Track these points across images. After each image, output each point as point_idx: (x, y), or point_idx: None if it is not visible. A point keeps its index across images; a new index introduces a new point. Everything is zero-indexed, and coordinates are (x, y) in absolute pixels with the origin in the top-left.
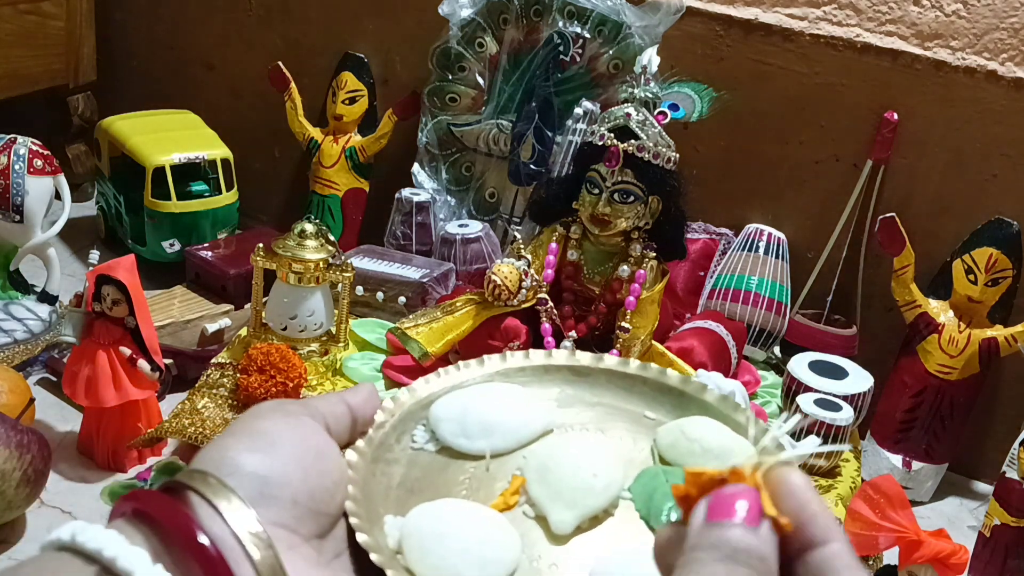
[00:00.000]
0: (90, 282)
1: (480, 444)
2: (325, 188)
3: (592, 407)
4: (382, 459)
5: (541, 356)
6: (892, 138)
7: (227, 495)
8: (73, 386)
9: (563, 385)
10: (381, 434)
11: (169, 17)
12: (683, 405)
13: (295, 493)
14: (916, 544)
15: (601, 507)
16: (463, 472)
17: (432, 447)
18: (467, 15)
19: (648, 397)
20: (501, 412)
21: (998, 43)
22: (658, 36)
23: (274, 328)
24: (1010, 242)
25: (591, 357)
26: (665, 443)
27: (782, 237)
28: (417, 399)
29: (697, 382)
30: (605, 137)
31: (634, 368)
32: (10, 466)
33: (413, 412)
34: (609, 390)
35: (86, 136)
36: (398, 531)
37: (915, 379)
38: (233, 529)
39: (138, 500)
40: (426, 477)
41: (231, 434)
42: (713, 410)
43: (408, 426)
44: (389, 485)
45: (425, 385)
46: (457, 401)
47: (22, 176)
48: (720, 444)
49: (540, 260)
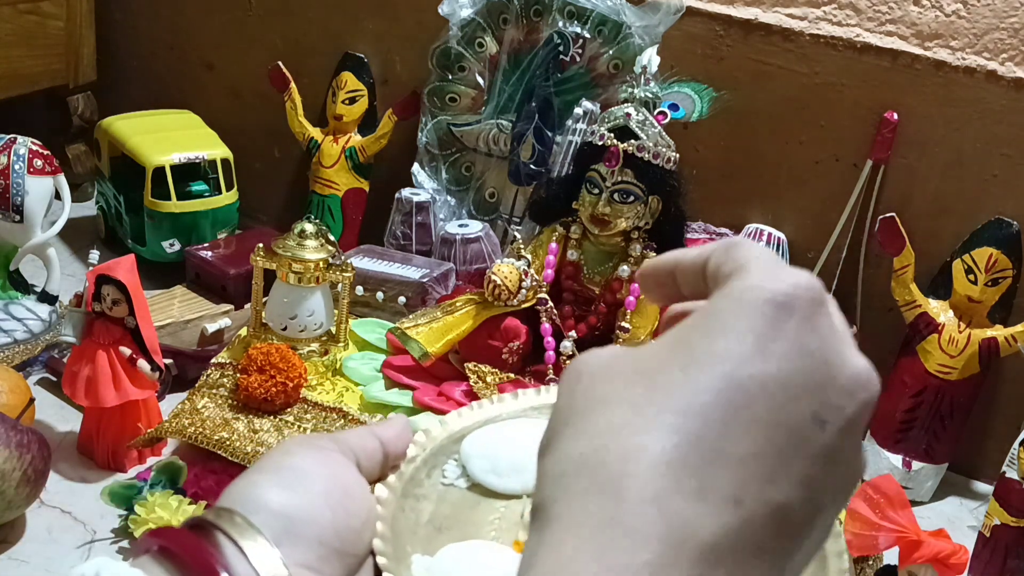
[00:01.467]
0: (90, 282)
1: (510, 483)
2: (325, 188)
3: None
4: (411, 494)
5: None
6: (892, 138)
7: (253, 535)
8: (73, 386)
9: None
10: (412, 468)
11: (169, 17)
12: None
13: (321, 533)
14: (916, 544)
15: None
16: (493, 512)
17: (463, 483)
18: (467, 15)
19: None
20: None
21: (998, 43)
22: (658, 36)
23: (274, 328)
24: (1010, 242)
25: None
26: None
27: (782, 237)
28: (449, 433)
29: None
30: (605, 137)
31: None
32: (10, 466)
33: (445, 446)
34: None
35: (86, 136)
36: (426, 571)
37: (915, 379)
38: (257, 570)
39: (164, 537)
40: (456, 515)
41: (260, 470)
42: None
43: (439, 460)
44: (418, 522)
45: (458, 419)
46: (489, 436)
47: (22, 176)
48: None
49: (540, 260)
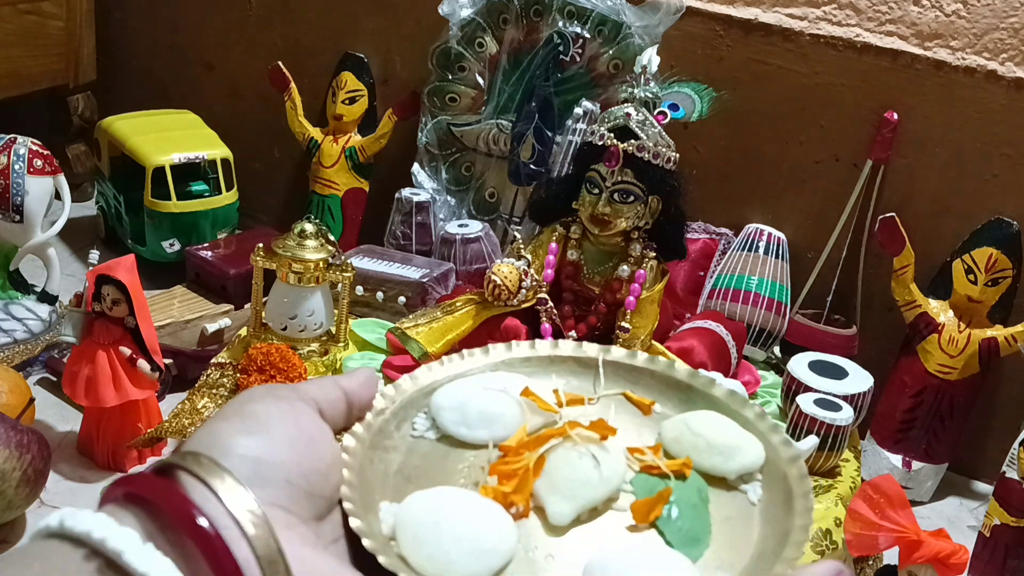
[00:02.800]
0: (90, 282)
1: (481, 434)
2: (325, 188)
3: (596, 399)
4: (380, 446)
5: (547, 347)
6: (892, 138)
7: (221, 475)
8: (73, 386)
9: (568, 376)
10: (380, 420)
11: (169, 17)
12: (690, 399)
13: (289, 474)
14: (916, 544)
15: (600, 499)
16: (462, 461)
17: (432, 435)
18: (467, 15)
19: (655, 390)
20: (503, 402)
21: (998, 43)
22: (658, 36)
23: (274, 328)
24: (1010, 242)
25: (597, 348)
26: (669, 437)
27: (782, 237)
28: (419, 387)
29: (705, 376)
30: (605, 137)
31: (641, 361)
32: (10, 466)
33: (415, 400)
34: (615, 382)
35: (86, 136)
36: (393, 518)
37: (915, 379)
38: (229, 509)
39: (130, 484)
40: (424, 465)
41: (222, 417)
42: (721, 405)
43: (409, 413)
44: (387, 472)
45: (428, 373)
46: (459, 390)
47: (22, 176)
48: (725, 440)
49: (540, 260)
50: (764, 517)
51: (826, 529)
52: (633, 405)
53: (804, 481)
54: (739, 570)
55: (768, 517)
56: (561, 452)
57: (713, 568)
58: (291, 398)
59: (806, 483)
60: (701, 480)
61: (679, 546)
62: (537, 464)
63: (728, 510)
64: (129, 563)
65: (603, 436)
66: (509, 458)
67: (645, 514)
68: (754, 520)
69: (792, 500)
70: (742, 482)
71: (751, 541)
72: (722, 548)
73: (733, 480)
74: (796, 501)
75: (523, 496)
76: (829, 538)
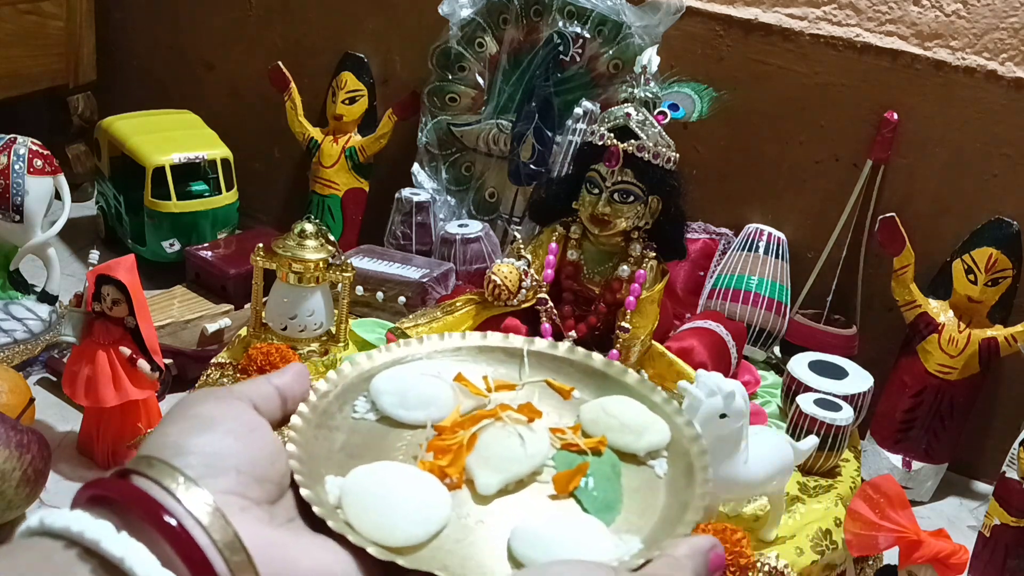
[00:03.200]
0: (90, 282)
1: (418, 415)
2: (325, 188)
3: (521, 385)
4: (325, 425)
5: (477, 338)
6: (892, 138)
7: (174, 475)
8: (73, 386)
9: (496, 365)
10: (325, 403)
11: (169, 17)
12: (606, 386)
13: (238, 463)
14: (916, 544)
15: (526, 473)
16: (400, 439)
17: (372, 416)
18: (467, 15)
19: (575, 378)
20: (438, 387)
21: (998, 43)
22: (658, 36)
23: (274, 328)
24: (1010, 242)
25: (522, 340)
26: (588, 418)
27: (782, 237)
28: (360, 372)
29: (618, 366)
30: (605, 137)
31: (562, 351)
32: (10, 466)
33: (355, 384)
34: (539, 370)
35: (86, 136)
36: (339, 489)
37: (915, 379)
38: (184, 504)
39: (97, 487)
40: (366, 443)
41: (171, 422)
42: (633, 391)
43: (350, 396)
44: (331, 449)
45: (367, 360)
46: (398, 375)
47: (22, 176)
48: (636, 420)
49: (540, 260)
50: (669, 488)
51: (826, 529)
52: (555, 391)
53: (703, 457)
54: (646, 533)
55: (672, 488)
56: (492, 431)
57: (623, 531)
58: (228, 397)
59: (704, 459)
60: (614, 456)
61: (594, 512)
62: (470, 441)
63: (637, 482)
64: (107, 550)
65: (530, 418)
66: (444, 436)
67: (564, 485)
68: (660, 491)
69: (693, 473)
70: (650, 458)
71: (657, 508)
72: (632, 514)
73: (642, 456)
74: (696, 474)
75: (456, 469)
76: (829, 538)
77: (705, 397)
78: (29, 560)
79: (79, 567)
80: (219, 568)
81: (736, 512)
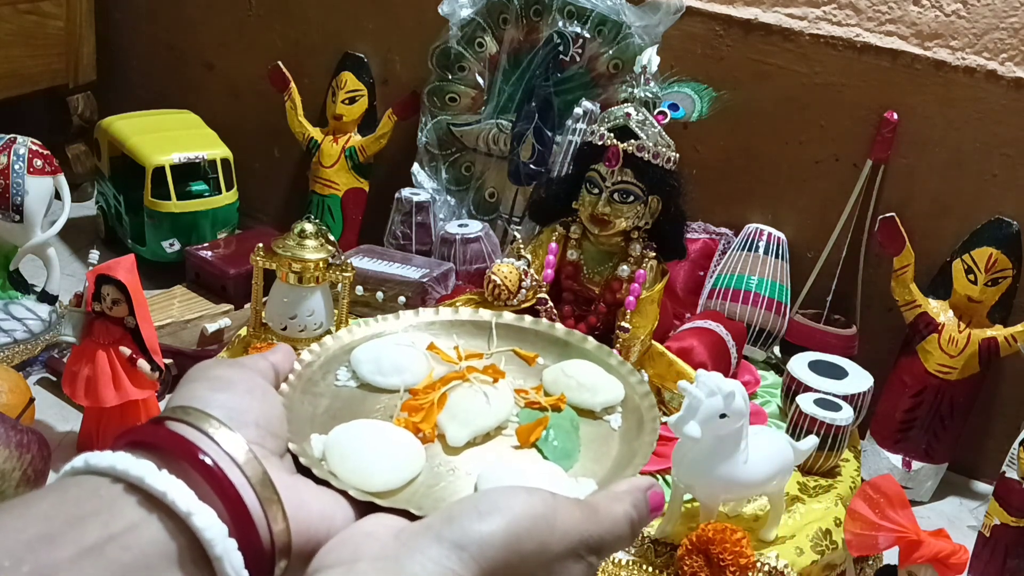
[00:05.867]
0: (90, 282)
1: (394, 380)
2: (325, 188)
3: (490, 354)
4: (310, 391)
5: (448, 313)
6: (892, 138)
7: (209, 420)
8: (73, 386)
9: (467, 337)
10: (309, 371)
11: (169, 17)
12: (567, 352)
13: (256, 418)
14: (916, 544)
15: (492, 427)
16: (379, 402)
17: (353, 384)
18: (467, 15)
19: (539, 346)
20: (412, 355)
21: (998, 43)
22: (658, 36)
23: (274, 328)
24: (1010, 242)
25: (490, 314)
26: (548, 380)
27: (782, 237)
28: (341, 344)
29: (578, 334)
30: (605, 137)
31: (528, 323)
32: (10, 466)
33: (337, 355)
34: (506, 340)
35: (86, 136)
36: (322, 444)
37: (915, 379)
38: (221, 445)
39: (136, 433)
40: (347, 407)
41: (192, 380)
42: (591, 355)
43: (332, 366)
44: (315, 412)
45: (348, 334)
46: (375, 347)
47: (22, 176)
48: (592, 380)
49: (540, 260)
50: (622, 440)
51: (826, 529)
52: (520, 359)
53: (653, 410)
54: (600, 476)
55: (625, 439)
56: (460, 391)
57: (580, 475)
58: (239, 365)
59: (654, 412)
60: (573, 412)
61: (554, 460)
62: (440, 400)
63: (594, 435)
64: (151, 485)
65: (495, 379)
66: (418, 397)
67: (527, 437)
68: (614, 442)
69: (643, 424)
70: (606, 414)
71: (611, 457)
72: (588, 461)
73: (599, 412)
74: (646, 425)
75: (429, 424)
76: (829, 538)
77: (705, 397)
78: (77, 495)
79: (125, 500)
80: (251, 503)
81: (736, 512)
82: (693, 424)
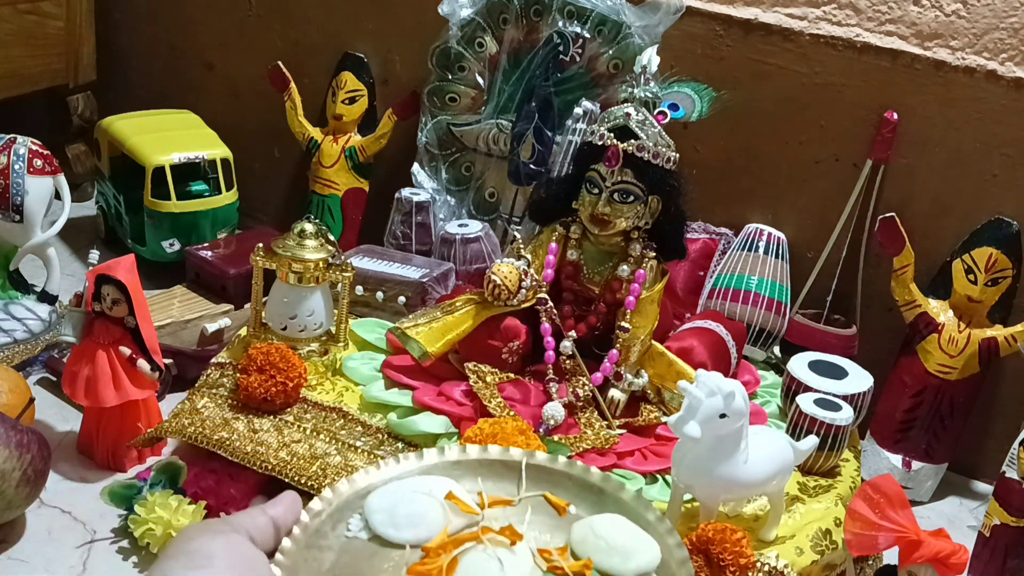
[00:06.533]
0: (90, 282)
1: (406, 535)
2: (325, 188)
3: (517, 501)
4: (315, 545)
5: (476, 451)
6: (892, 138)
7: None
8: (73, 386)
9: (494, 479)
10: (317, 522)
11: (169, 17)
12: (601, 501)
13: None
14: (916, 544)
15: None
16: (388, 561)
17: (365, 535)
18: (467, 15)
19: (572, 493)
20: (428, 505)
21: (998, 43)
22: (658, 36)
23: (274, 328)
24: (1010, 242)
25: (522, 452)
26: (576, 538)
27: (782, 237)
28: (355, 489)
29: (616, 480)
30: (605, 137)
31: (561, 465)
32: (10, 466)
33: (351, 501)
34: (536, 483)
35: (86, 136)
36: None
37: (915, 379)
38: None
39: None
40: (354, 563)
41: (168, 557)
42: (627, 507)
43: (345, 515)
44: (319, 570)
45: (365, 476)
46: (391, 493)
47: (22, 176)
48: (624, 543)
49: (540, 260)
50: None
51: (826, 529)
52: (551, 506)
53: None
54: None
55: None
56: (472, 555)
57: None
58: (226, 531)
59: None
60: None
61: None
62: (450, 566)
63: None
64: None
65: (512, 541)
66: (427, 559)
67: None
68: None
69: None
70: None
71: None
72: None
73: None
74: None
75: None
76: (829, 538)
77: (705, 397)
78: None
79: None
80: None
81: (736, 512)
82: (693, 424)
